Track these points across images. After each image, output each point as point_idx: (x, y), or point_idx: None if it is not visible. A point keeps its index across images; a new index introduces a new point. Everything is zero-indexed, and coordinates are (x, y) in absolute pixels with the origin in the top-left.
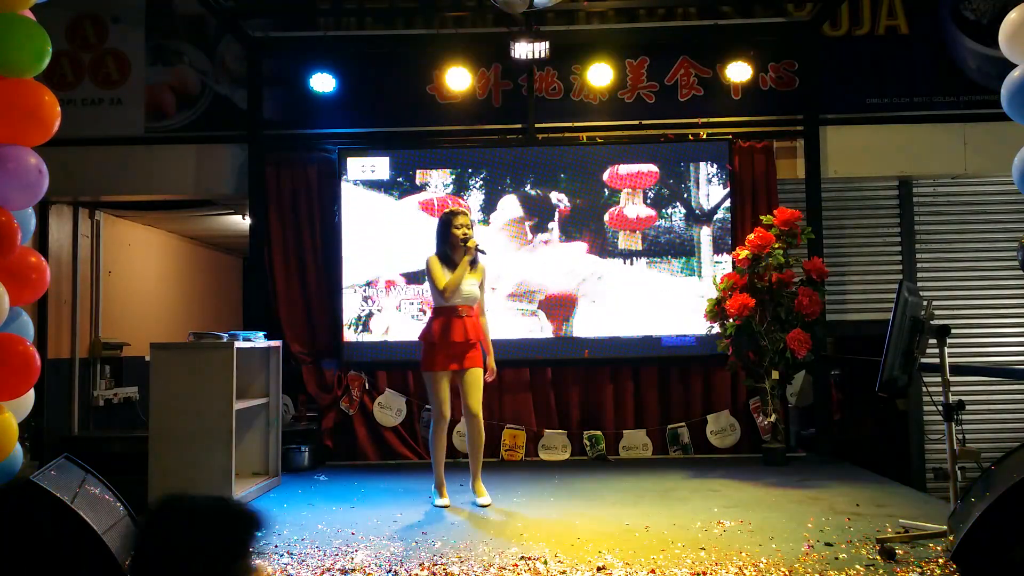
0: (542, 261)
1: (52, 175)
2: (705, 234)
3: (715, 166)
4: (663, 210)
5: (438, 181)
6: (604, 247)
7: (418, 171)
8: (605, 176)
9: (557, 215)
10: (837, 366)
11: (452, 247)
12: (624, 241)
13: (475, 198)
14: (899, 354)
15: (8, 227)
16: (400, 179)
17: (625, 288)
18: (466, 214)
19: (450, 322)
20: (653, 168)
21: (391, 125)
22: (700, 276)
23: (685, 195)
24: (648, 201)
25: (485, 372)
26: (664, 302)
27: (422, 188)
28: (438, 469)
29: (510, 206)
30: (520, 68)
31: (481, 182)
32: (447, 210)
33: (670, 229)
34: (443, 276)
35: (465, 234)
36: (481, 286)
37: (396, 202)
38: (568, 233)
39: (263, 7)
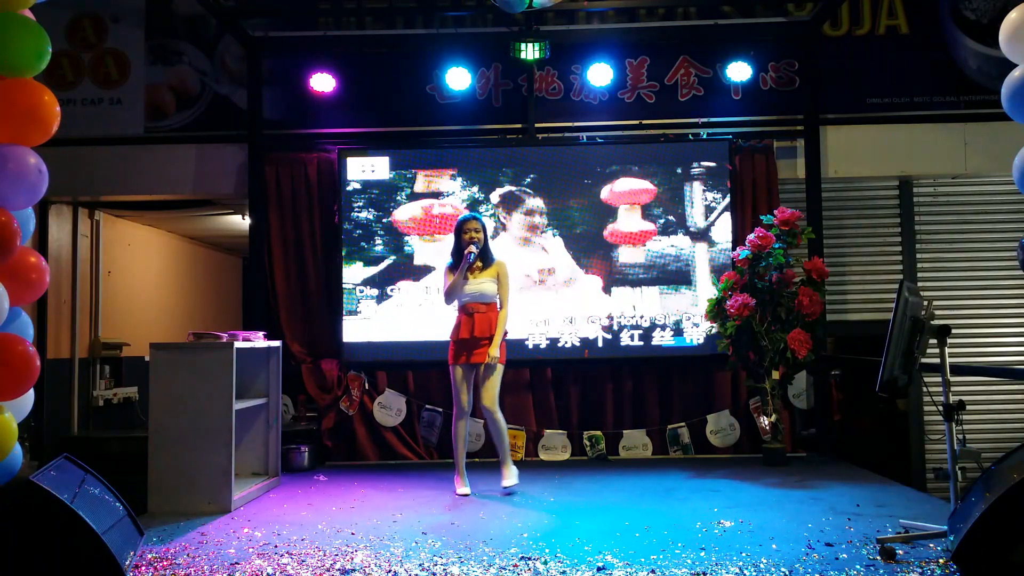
0: (539, 262)
1: (52, 175)
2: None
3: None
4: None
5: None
6: (604, 246)
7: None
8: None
9: (556, 214)
10: (837, 366)
11: (462, 252)
12: (626, 254)
13: (475, 197)
14: (899, 354)
15: (8, 227)
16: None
17: (629, 289)
18: (476, 219)
19: (460, 320)
20: (649, 186)
21: (391, 125)
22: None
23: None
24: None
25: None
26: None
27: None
28: (457, 460)
29: (510, 204)
30: (520, 68)
31: (480, 181)
32: (460, 216)
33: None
34: (444, 284)
35: (472, 238)
36: (500, 281)
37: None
38: (567, 231)
39: (263, 7)
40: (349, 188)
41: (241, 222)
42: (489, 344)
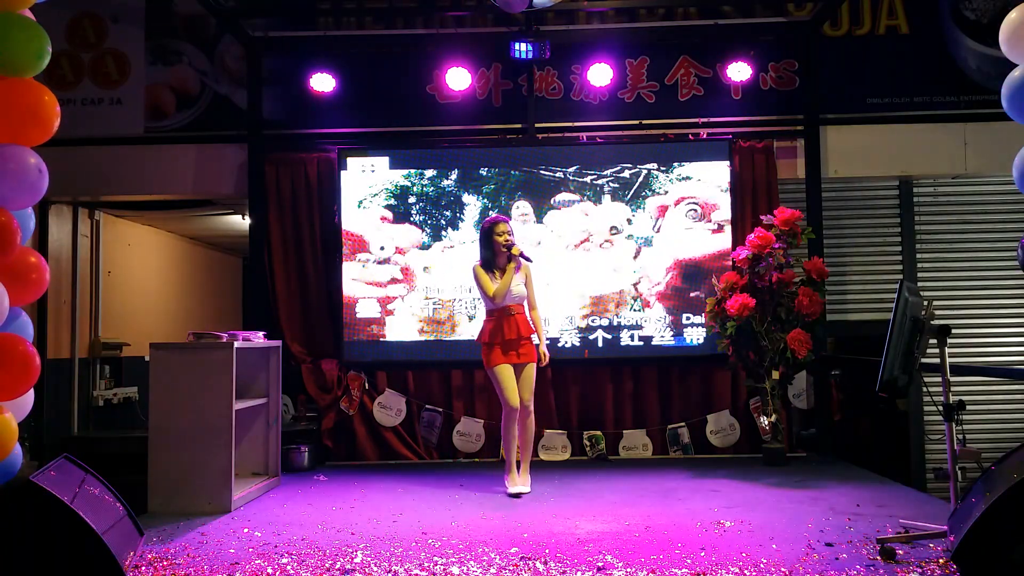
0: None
1: (52, 175)
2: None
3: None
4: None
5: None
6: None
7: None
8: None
9: (556, 215)
10: (837, 366)
11: (495, 254)
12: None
13: (475, 197)
14: (899, 354)
15: (8, 227)
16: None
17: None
18: (506, 222)
19: (502, 321)
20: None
21: (391, 125)
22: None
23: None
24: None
25: (539, 362)
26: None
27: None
28: (509, 458)
29: (510, 205)
30: (520, 68)
31: (481, 182)
32: (488, 219)
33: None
34: (491, 284)
35: (508, 240)
36: (528, 283)
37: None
38: (567, 232)
39: (263, 7)
40: (349, 188)
41: (241, 222)
42: (530, 342)
